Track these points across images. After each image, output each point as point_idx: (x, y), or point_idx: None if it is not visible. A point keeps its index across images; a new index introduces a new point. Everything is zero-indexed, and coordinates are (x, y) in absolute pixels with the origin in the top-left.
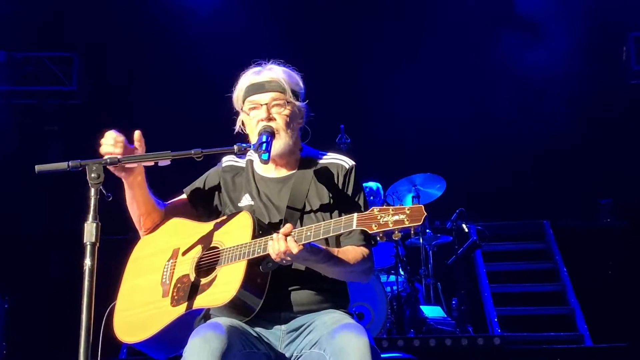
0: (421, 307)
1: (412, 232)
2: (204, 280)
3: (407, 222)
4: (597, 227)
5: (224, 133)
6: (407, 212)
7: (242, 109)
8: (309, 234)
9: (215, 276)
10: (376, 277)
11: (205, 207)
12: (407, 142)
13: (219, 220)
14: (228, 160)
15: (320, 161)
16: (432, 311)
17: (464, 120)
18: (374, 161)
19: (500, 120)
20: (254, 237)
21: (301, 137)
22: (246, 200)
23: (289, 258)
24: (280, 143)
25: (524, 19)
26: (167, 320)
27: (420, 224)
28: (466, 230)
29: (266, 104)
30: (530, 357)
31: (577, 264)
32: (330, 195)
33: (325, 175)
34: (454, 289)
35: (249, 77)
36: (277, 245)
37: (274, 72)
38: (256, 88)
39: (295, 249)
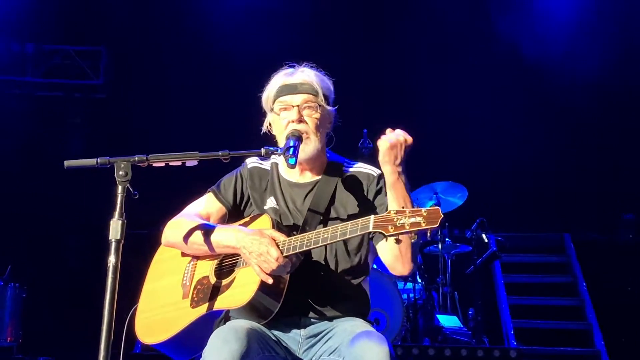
0: (437, 315)
1: (428, 234)
2: (223, 282)
3: (423, 224)
4: (618, 243)
5: (250, 134)
6: (424, 214)
7: (271, 110)
8: (325, 235)
9: (234, 278)
10: (393, 284)
11: (234, 209)
12: (429, 149)
13: (240, 222)
14: (253, 162)
15: (347, 169)
16: (448, 320)
17: (488, 130)
18: None
19: (524, 131)
20: None
21: (326, 143)
22: (271, 203)
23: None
24: (309, 147)
25: (552, 27)
26: (187, 321)
27: (437, 226)
28: (486, 240)
29: (298, 105)
30: None
31: (596, 279)
32: (356, 202)
33: (351, 183)
34: (471, 299)
35: (282, 77)
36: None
37: (306, 74)
38: (288, 89)
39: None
